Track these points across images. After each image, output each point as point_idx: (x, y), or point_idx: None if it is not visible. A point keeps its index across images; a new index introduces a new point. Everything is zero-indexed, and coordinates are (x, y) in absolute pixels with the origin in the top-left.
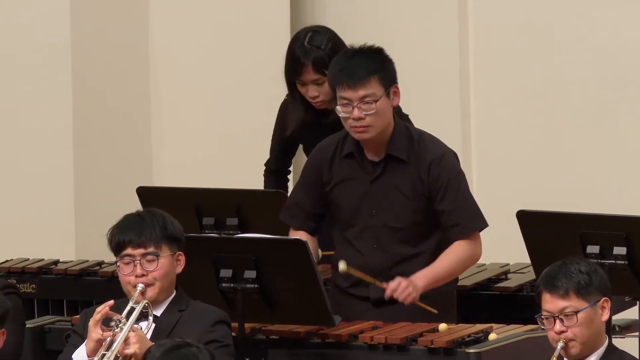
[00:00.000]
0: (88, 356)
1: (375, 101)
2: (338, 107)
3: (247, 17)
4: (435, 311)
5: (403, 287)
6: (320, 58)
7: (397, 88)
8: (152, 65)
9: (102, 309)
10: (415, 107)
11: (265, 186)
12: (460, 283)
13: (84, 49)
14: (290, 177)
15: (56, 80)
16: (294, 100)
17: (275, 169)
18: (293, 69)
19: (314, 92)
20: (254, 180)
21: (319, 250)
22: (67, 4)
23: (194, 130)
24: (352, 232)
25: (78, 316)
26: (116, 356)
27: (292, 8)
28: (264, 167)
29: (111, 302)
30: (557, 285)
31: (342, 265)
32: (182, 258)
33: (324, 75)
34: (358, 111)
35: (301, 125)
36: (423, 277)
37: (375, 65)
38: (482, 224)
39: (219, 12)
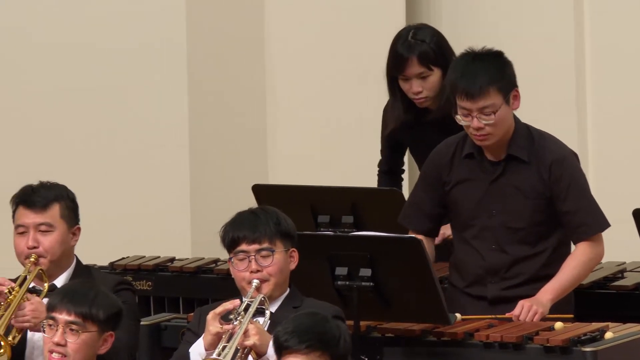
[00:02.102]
0: (205, 350)
1: (495, 112)
2: (458, 116)
3: (362, 15)
4: (571, 315)
5: (527, 310)
6: (425, 52)
7: (517, 91)
8: (267, 63)
9: (227, 305)
10: (530, 107)
11: (379, 186)
12: None
13: (199, 45)
14: (405, 177)
15: (172, 77)
16: (395, 99)
17: (388, 169)
18: (396, 64)
19: (418, 87)
20: (370, 177)
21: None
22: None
23: (309, 127)
24: (471, 233)
25: (193, 314)
26: (236, 348)
27: (408, 3)
28: (378, 169)
29: (237, 301)
30: None
31: (457, 316)
32: (296, 254)
33: (429, 70)
34: (478, 121)
35: (401, 125)
36: (549, 291)
37: (494, 73)
38: (605, 224)
39: (335, 8)
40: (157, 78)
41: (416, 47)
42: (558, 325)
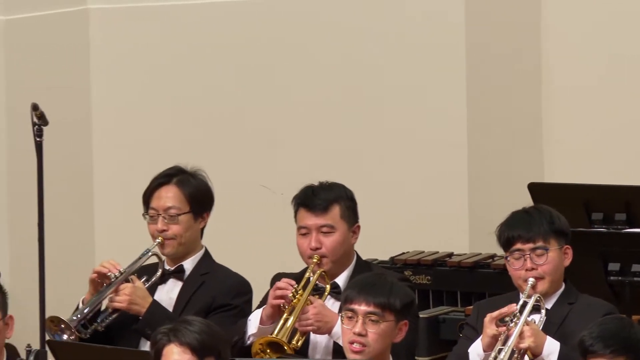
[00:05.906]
0: (484, 351)
1: None
2: None
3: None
4: None
5: None
6: None
7: None
8: (544, 58)
9: (503, 310)
10: None
11: None
12: None
13: (478, 46)
14: None
15: (450, 76)
16: None
17: None
18: None
19: None
20: None
21: None
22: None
23: (586, 122)
24: None
25: (471, 307)
26: (512, 350)
27: None
28: None
29: (513, 306)
30: None
31: None
32: (570, 251)
33: None
34: None
35: None
36: None
37: None
38: None
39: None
40: (435, 80)
41: None
42: None
